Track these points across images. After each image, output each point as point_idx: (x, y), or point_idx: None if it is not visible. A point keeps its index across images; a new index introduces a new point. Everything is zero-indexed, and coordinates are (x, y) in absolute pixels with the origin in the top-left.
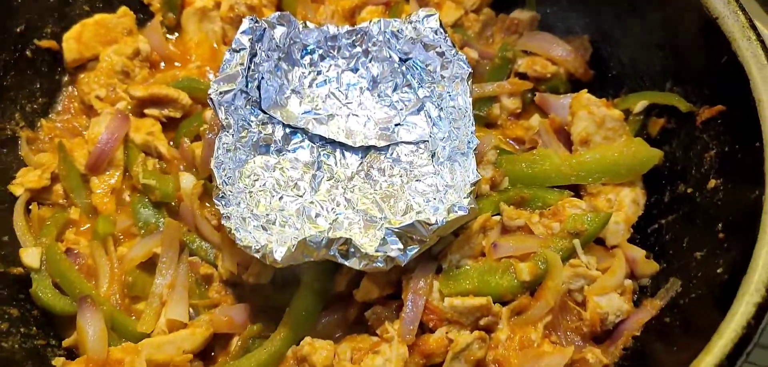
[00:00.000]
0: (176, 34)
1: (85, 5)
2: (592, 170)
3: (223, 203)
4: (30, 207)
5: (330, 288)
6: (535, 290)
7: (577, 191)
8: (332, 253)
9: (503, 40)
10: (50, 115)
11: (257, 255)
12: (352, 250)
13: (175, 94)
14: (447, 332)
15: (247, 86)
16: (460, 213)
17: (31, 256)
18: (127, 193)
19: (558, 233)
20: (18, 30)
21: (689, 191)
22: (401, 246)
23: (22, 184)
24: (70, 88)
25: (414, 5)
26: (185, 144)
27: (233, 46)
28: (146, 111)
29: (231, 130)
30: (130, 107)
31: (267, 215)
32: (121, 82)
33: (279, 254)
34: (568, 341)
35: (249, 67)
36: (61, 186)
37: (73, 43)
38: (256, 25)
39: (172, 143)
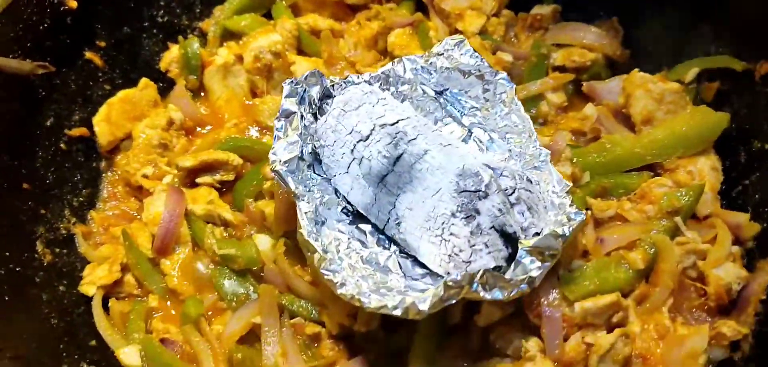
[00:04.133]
0: (202, 94)
1: (105, 84)
2: (665, 146)
3: (333, 269)
4: (107, 304)
5: (445, 321)
6: (649, 277)
7: (653, 170)
8: (474, 288)
9: (533, 38)
10: (98, 205)
11: (397, 313)
12: (493, 280)
13: (224, 157)
14: (583, 338)
15: (302, 152)
16: (579, 219)
17: (130, 355)
18: (203, 266)
19: (655, 215)
20: (48, 123)
21: (766, 146)
22: (539, 263)
23: (92, 282)
24: (109, 173)
25: (437, 22)
26: (251, 205)
27: (281, 113)
28: (198, 180)
29: (305, 198)
30: (178, 180)
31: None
32: (161, 156)
33: (424, 305)
34: (696, 319)
35: (301, 132)
36: (133, 275)
37: (104, 125)
38: (297, 87)
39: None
